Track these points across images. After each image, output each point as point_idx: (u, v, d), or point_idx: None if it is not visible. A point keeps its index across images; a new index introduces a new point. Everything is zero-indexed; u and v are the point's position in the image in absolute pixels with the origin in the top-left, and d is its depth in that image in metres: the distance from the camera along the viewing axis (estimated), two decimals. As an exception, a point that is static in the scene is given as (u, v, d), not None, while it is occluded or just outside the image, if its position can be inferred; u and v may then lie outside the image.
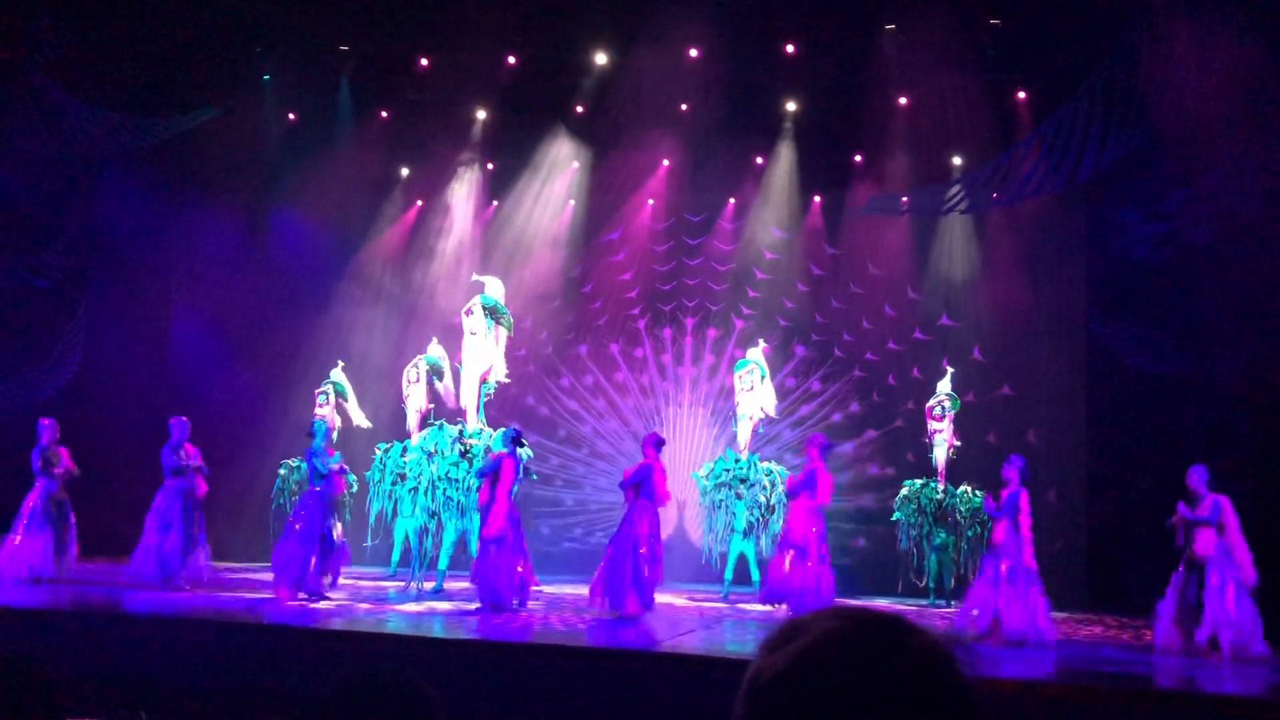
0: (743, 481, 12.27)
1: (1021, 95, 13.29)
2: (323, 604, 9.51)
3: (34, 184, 13.01)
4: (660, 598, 11.69)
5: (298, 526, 9.79)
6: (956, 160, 14.12)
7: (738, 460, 12.51)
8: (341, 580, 10.80)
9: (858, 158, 14.60)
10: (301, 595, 9.62)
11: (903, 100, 13.55)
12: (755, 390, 12.83)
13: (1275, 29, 10.37)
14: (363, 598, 10.36)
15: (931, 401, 12.89)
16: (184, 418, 10.58)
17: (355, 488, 13.11)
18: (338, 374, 13.51)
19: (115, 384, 10.53)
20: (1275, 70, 10.34)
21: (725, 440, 13.94)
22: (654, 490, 9.56)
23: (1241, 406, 11.26)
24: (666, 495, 9.85)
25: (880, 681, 0.99)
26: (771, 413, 12.89)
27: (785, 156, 14.85)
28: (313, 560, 9.68)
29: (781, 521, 11.27)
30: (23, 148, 12.65)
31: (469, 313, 12.79)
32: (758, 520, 12.29)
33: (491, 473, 9.77)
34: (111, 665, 6.88)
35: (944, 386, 12.90)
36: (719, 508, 12.53)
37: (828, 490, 10.02)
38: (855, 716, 0.98)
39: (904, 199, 14.31)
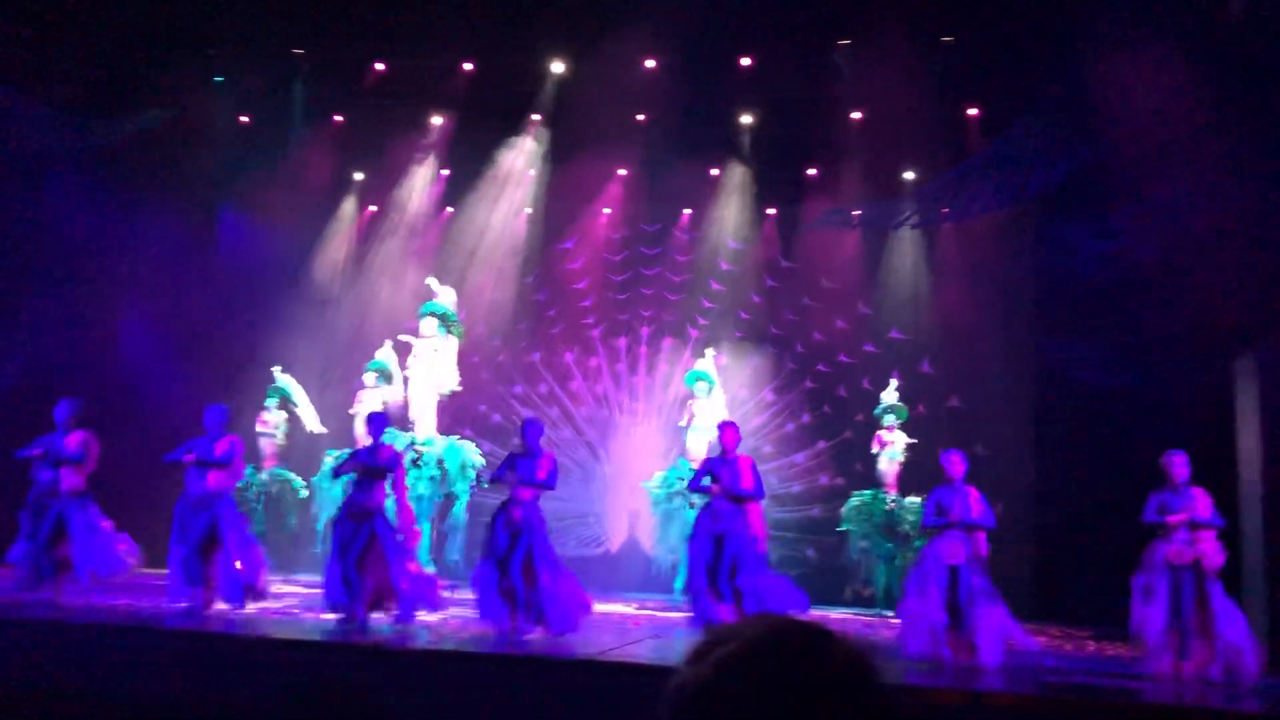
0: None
1: (973, 112, 13.47)
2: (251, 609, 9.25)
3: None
4: (611, 607, 11.68)
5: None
6: (909, 175, 14.29)
7: (691, 470, 12.54)
8: (287, 589, 10.64)
9: (812, 171, 14.74)
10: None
11: (856, 115, 13.68)
12: (706, 400, 12.89)
13: (1217, 49, 10.59)
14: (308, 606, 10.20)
15: (878, 412, 13.02)
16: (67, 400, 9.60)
17: (304, 494, 13.01)
18: (283, 379, 13.38)
19: (61, 387, 10.31)
20: (1218, 90, 10.56)
21: (678, 450, 13.96)
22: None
23: (1187, 422, 11.45)
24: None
25: (801, 689, 1.01)
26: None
27: (740, 169, 14.96)
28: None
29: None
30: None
31: (420, 319, 12.75)
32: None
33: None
34: (56, 678, 6.75)
35: (889, 397, 13.04)
36: (671, 517, 12.55)
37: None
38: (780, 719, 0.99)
39: (856, 213, 14.46)
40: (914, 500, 12.32)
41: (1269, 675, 8.32)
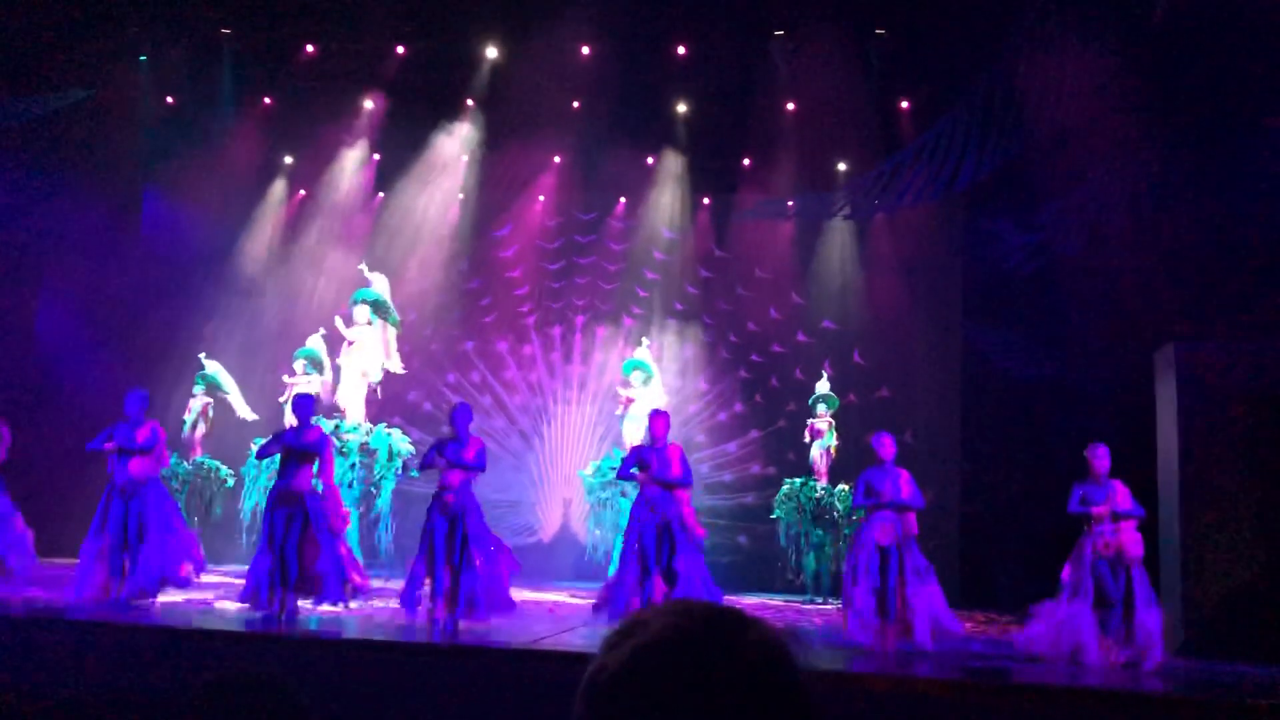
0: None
1: (905, 105, 13.62)
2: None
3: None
4: (544, 595, 11.67)
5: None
6: (841, 166, 14.43)
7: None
8: (211, 579, 10.45)
9: (746, 161, 14.80)
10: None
11: (791, 106, 13.76)
12: (643, 390, 12.91)
13: (1140, 47, 10.82)
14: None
15: (811, 401, 13.15)
16: None
17: (231, 483, 12.78)
18: (210, 365, 13.13)
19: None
20: (1139, 85, 10.80)
21: (611, 439, 13.97)
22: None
23: (1106, 412, 11.71)
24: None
25: (716, 677, 1.00)
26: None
27: (675, 158, 14.97)
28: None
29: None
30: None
31: (352, 306, 12.59)
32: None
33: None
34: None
35: (822, 387, 13.18)
36: (605, 505, 12.56)
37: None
38: (693, 709, 0.99)
39: (790, 203, 14.57)
40: (844, 489, 12.46)
41: (1184, 658, 8.58)
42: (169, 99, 14.42)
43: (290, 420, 11.83)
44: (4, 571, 9.03)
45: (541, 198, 15.76)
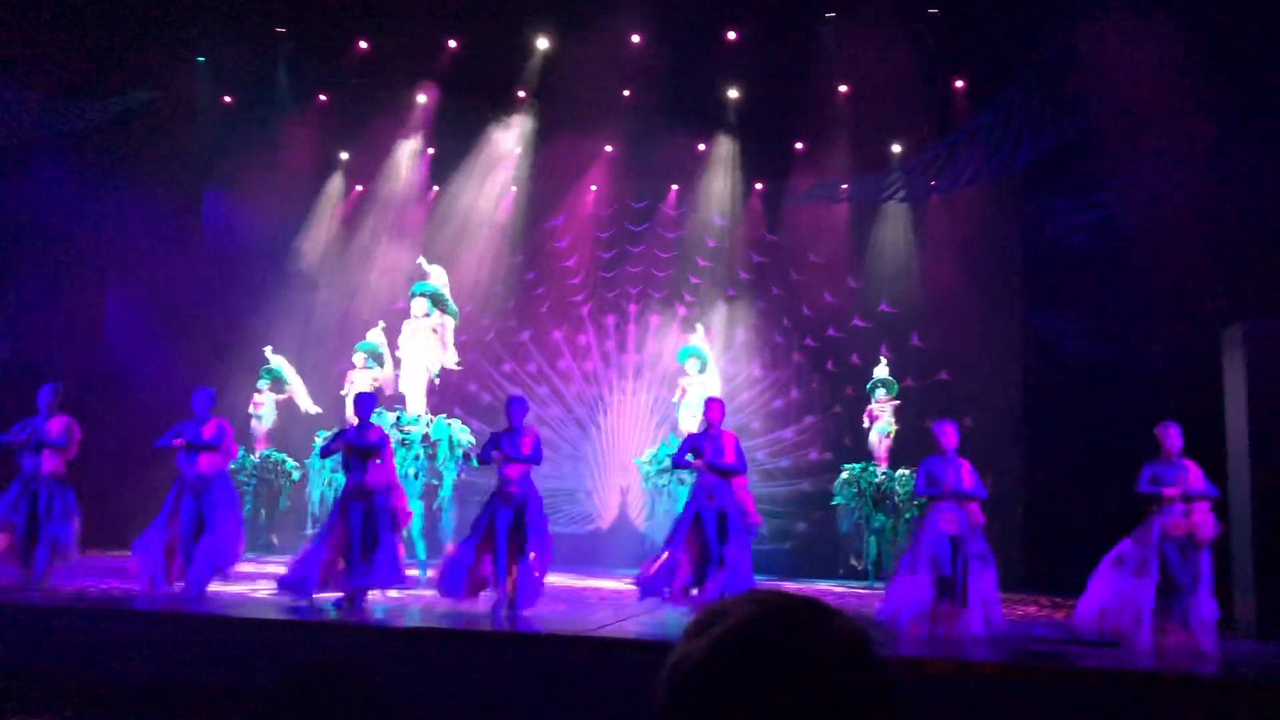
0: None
1: (959, 84, 13.44)
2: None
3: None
4: (603, 583, 11.73)
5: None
6: (895, 148, 14.27)
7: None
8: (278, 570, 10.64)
9: (798, 145, 14.69)
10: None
11: (843, 88, 13.64)
12: (698, 377, 12.91)
13: (1203, 19, 10.58)
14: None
15: (869, 386, 13.06)
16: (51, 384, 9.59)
17: (297, 475, 12.99)
18: (275, 360, 13.33)
19: (48, 369, 10.28)
20: (1203, 59, 10.56)
21: (668, 426, 13.98)
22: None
23: (1172, 392, 11.50)
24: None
25: (799, 664, 1.01)
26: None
27: (727, 144, 14.91)
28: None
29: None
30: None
31: (411, 299, 12.71)
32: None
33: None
34: (42, 661, 6.75)
35: (880, 372, 13.08)
36: (661, 493, 12.59)
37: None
38: (775, 699, 1.00)
39: (844, 187, 14.45)
40: (904, 473, 12.37)
41: (1256, 641, 8.42)
42: (227, 99, 14.65)
43: (351, 416, 12.01)
44: (65, 564, 9.30)
45: (594, 187, 15.79)
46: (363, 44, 13.89)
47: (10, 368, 12.65)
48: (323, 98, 14.79)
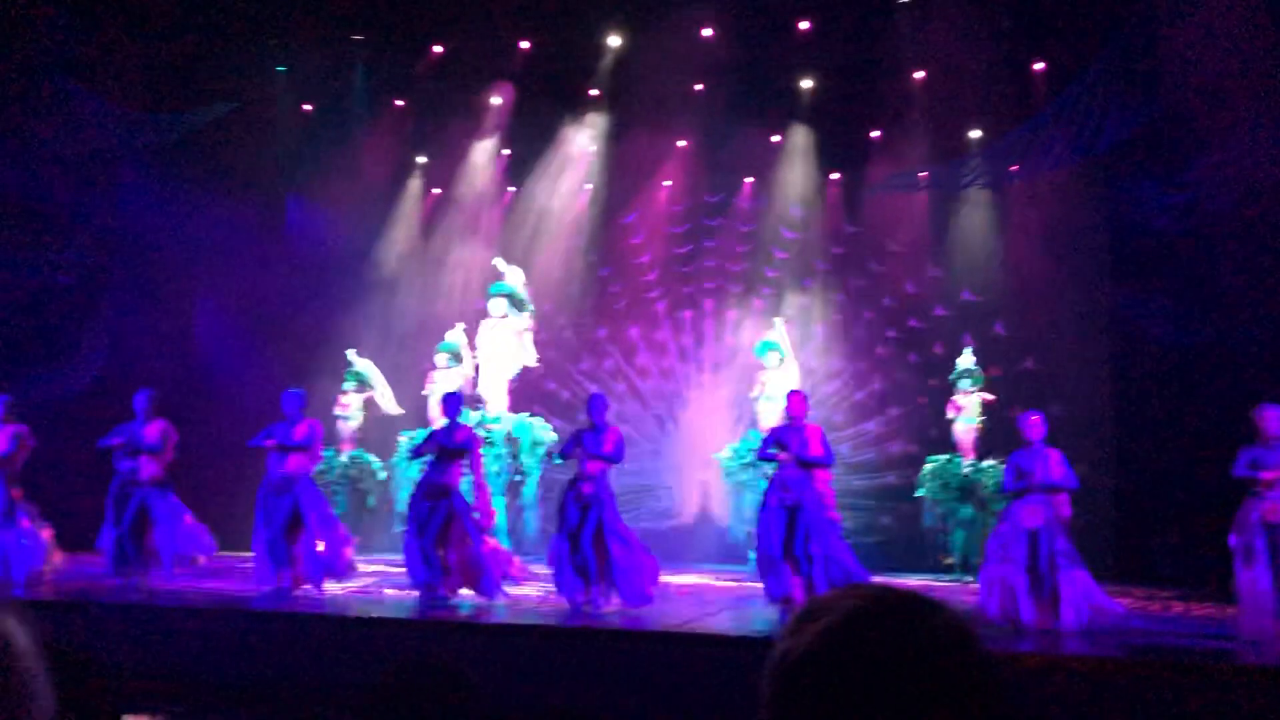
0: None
1: (1039, 66, 13.17)
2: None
3: (55, 182, 13.09)
4: (686, 578, 11.74)
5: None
6: (975, 134, 14.04)
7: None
8: (369, 568, 10.83)
9: (875, 134, 14.52)
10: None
11: (919, 75, 13.47)
12: (777, 371, 12.86)
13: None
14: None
15: (953, 376, 12.88)
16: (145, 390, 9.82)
17: (384, 475, 13.22)
18: (360, 363, 13.58)
19: (141, 377, 10.59)
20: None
21: (747, 421, 13.93)
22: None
23: (1267, 376, 11.17)
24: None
25: (904, 657, 1.01)
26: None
27: (802, 135, 14.80)
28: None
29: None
30: (44, 146, 12.73)
31: (489, 300, 12.87)
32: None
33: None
34: (150, 659, 6.95)
35: (965, 361, 12.89)
36: (744, 488, 12.56)
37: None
38: (881, 692, 0.99)
39: (922, 174, 14.26)
40: (991, 464, 12.18)
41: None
42: (306, 107, 14.94)
43: (435, 415, 12.18)
44: (177, 566, 9.56)
45: (667, 182, 15.78)
46: (437, 48, 14.07)
47: (107, 376, 13.05)
48: (399, 103, 15.01)
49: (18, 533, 9.36)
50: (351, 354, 13.78)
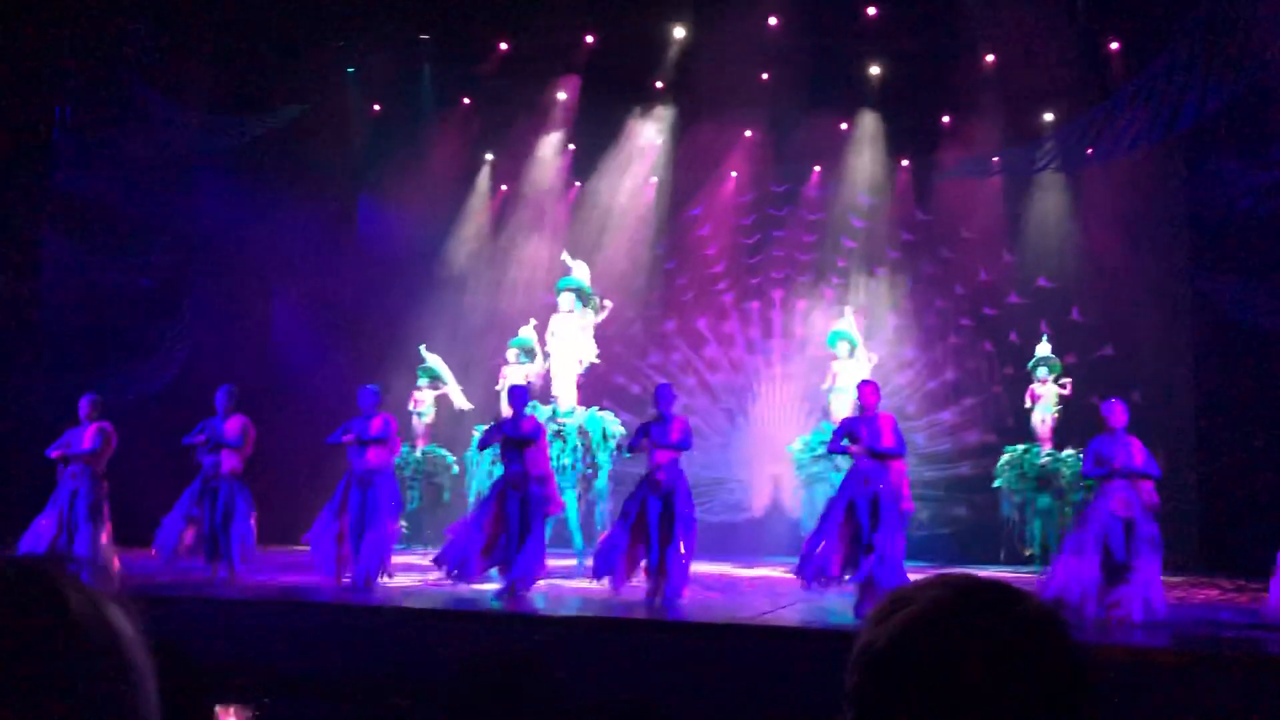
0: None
1: (1115, 46, 12.86)
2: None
3: (136, 186, 13.43)
4: (759, 571, 11.70)
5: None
6: (1048, 117, 13.75)
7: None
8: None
9: (945, 119, 14.30)
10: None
11: (990, 58, 13.23)
12: (848, 361, 12.75)
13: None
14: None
15: (1030, 365, 12.65)
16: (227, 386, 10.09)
17: (457, 469, 13.36)
18: (430, 358, 13.73)
19: (220, 376, 10.84)
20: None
21: (819, 413, 13.83)
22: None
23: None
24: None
25: (991, 646, 0.99)
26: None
27: (870, 122, 14.62)
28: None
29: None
30: (125, 152, 13.06)
31: (557, 295, 12.93)
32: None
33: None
34: (232, 652, 7.10)
35: (1042, 349, 12.66)
36: (817, 480, 12.47)
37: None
38: (968, 681, 0.98)
39: (994, 159, 14.01)
40: (1069, 453, 11.95)
41: None
42: (375, 107, 15.14)
43: (506, 409, 12.27)
44: (243, 562, 9.76)
45: (734, 173, 15.70)
46: (502, 45, 14.16)
47: (188, 374, 13.37)
48: (466, 101, 15.13)
49: (101, 531, 9.62)
50: (423, 350, 13.96)
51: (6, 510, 10.51)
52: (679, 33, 13.68)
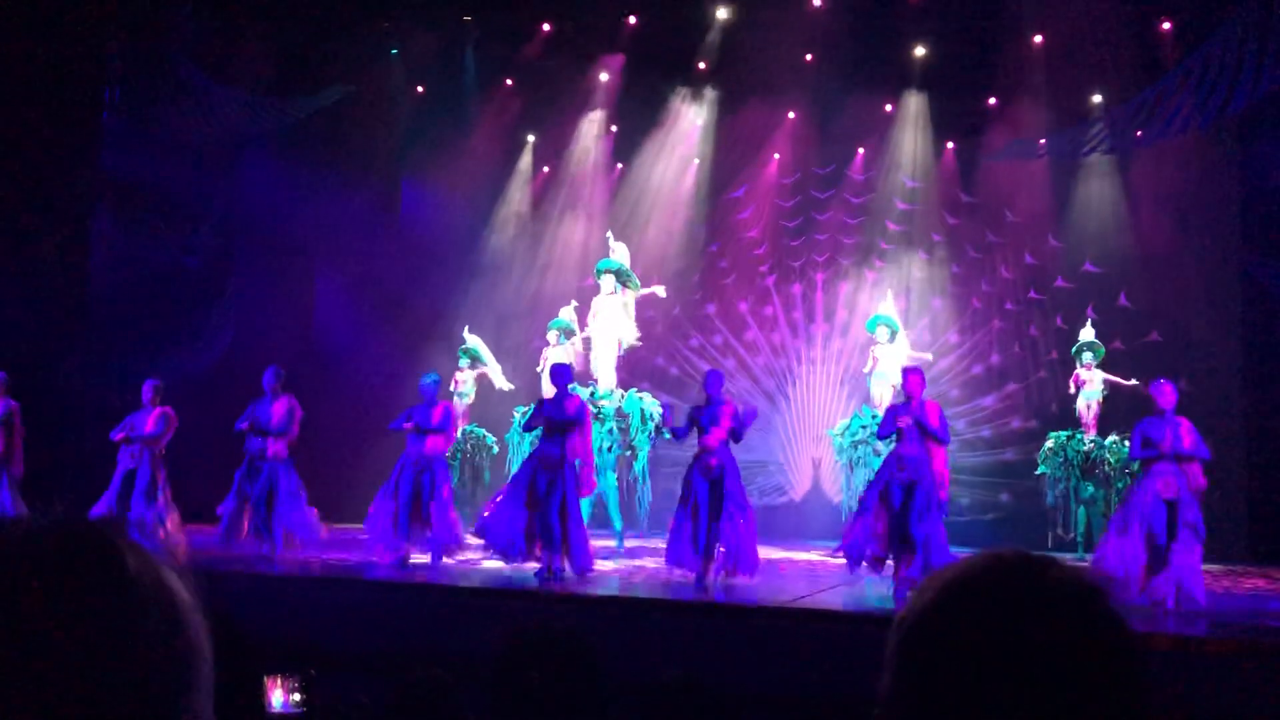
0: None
1: (1166, 26, 12.63)
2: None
3: (182, 167, 13.56)
4: (799, 554, 11.68)
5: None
6: (1096, 99, 13.53)
7: (874, 417, 12.33)
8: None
9: (991, 101, 14.12)
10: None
11: (1038, 39, 13.04)
12: (889, 346, 12.66)
13: None
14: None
15: (1075, 350, 12.50)
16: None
17: (497, 450, 13.43)
18: (471, 339, 13.80)
19: (265, 357, 10.96)
20: None
21: (860, 397, 13.75)
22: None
23: None
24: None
25: (1033, 611, 0.97)
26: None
27: (915, 103, 14.47)
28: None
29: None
30: (172, 133, 13.20)
31: (598, 276, 12.92)
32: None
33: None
34: (279, 628, 7.20)
35: (1086, 334, 12.50)
36: (857, 465, 12.41)
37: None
38: (1008, 646, 0.97)
39: (1041, 141, 13.83)
40: (1114, 440, 11.81)
41: None
42: (419, 88, 15.18)
43: (548, 391, 12.29)
44: (287, 545, 9.90)
45: (777, 155, 15.60)
46: (545, 26, 14.14)
47: (233, 355, 13.52)
48: (509, 82, 15.14)
49: (157, 510, 9.83)
50: (465, 331, 14.02)
51: (59, 486, 10.70)
52: (722, 13, 13.60)
